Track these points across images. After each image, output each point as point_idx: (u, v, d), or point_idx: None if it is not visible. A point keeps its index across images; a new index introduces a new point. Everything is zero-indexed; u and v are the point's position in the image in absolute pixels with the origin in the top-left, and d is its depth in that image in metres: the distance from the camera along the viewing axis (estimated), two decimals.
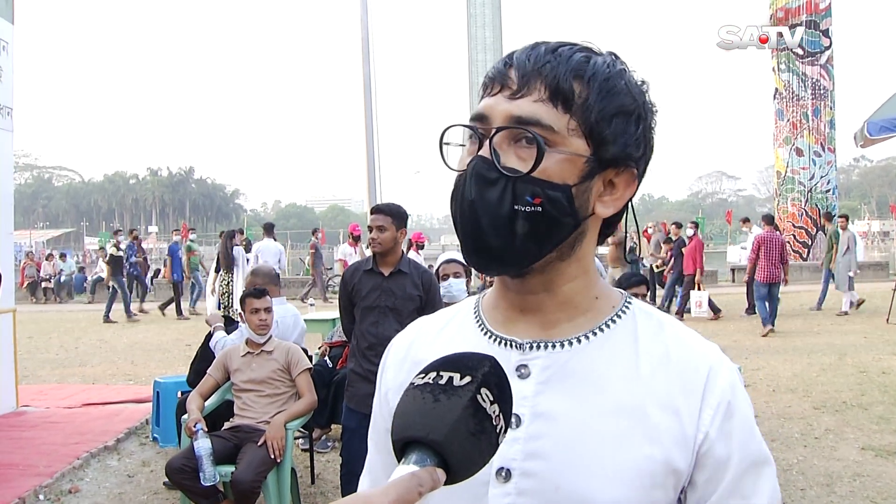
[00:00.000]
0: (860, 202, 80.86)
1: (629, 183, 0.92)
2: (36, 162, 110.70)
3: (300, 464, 5.38)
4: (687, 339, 0.93)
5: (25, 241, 43.57)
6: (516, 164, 0.86)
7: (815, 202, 22.87)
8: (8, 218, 7.55)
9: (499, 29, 32.13)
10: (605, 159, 0.88)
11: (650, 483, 0.85)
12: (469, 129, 0.90)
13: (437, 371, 0.73)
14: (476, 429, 0.69)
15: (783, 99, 23.24)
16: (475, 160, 0.87)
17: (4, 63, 7.23)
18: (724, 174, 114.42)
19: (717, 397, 0.88)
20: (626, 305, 0.97)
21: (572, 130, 0.86)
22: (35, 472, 5.25)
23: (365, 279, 4.21)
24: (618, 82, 0.88)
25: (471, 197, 0.86)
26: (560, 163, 0.86)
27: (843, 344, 10.34)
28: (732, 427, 0.88)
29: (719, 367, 0.90)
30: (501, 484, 0.88)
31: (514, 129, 0.86)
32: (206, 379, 4.64)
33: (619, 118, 0.88)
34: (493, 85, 0.90)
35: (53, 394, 8.30)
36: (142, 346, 12.10)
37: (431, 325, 1.07)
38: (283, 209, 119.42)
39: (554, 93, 0.86)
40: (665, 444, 0.86)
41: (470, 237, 0.89)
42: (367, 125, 9.27)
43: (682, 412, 0.87)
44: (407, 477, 0.65)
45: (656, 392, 0.88)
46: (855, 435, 6.03)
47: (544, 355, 0.91)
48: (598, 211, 0.91)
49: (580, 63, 0.87)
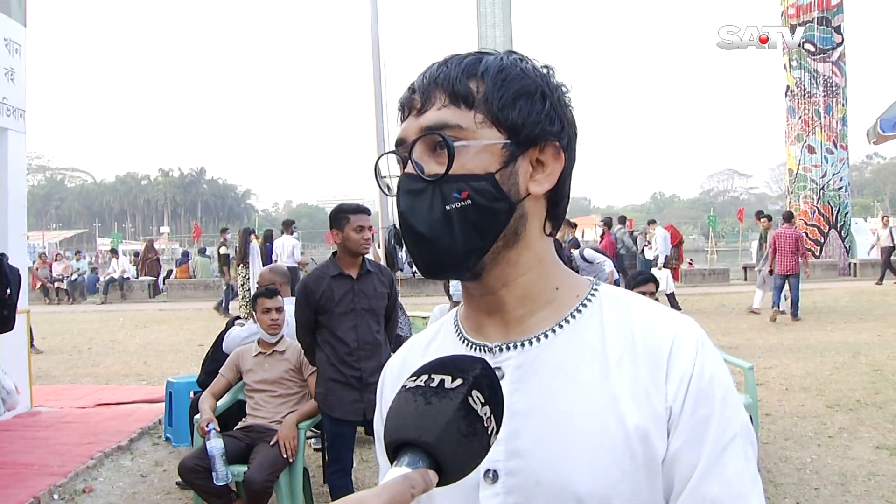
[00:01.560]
0: (873, 199, 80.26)
1: (556, 157, 0.94)
2: (48, 163, 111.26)
3: (312, 463, 5.40)
4: (651, 317, 0.93)
5: (38, 242, 43.75)
6: (438, 169, 0.90)
7: (828, 200, 22.73)
8: (21, 219, 7.60)
9: (509, 28, 31.68)
10: (521, 141, 0.91)
11: (631, 466, 0.86)
12: (393, 153, 0.96)
13: (428, 374, 0.73)
14: (468, 430, 0.70)
15: (795, 96, 23.09)
16: (401, 178, 0.93)
17: (17, 65, 7.28)
18: (736, 172, 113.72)
19: (680, 371, 0.87)
20: (591, 293, 0.98)
21: (480, 123, 0.90)
22: (49, 472, 5.29)
23: (334, 285, 4.13)
24: (512, 70, 0.92)
25: (405, 212, 0.91)
26: (477, 155, 0.90)
27: (857, 342, 10.28)
28: (700, 397, 0.87)
29: (682, 339, 0.90)
30: (490, 485, 0.90)
31: (426, 139, 0.91)
32: (219, 379, 4.65)
33: (522, 100, 0.91)
34: (403, 111, 0.97)
35: (67, 394, 8.36)
36: (154, 346, 12.16)
37: (421, 340, 1.10)
38: (295, 209, 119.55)
39: (452, 96, 0.91)
40: (640, 427, 0.86)
41: (416, 249, 0.92)
42: (377, 124, 9.28)
43: (651, 392, 0.87)
44: (399, 479, 0.66)
45: (625, 377, 0.89)
46: (869, 434, 6.00)
47: (515, 355, 0.93)
48: (533, 190, 0.93)
49: (471, 64, 0.92)
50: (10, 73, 7.15)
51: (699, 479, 0.85)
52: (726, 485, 0.85)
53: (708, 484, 0.85)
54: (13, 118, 7.20)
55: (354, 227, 4.11)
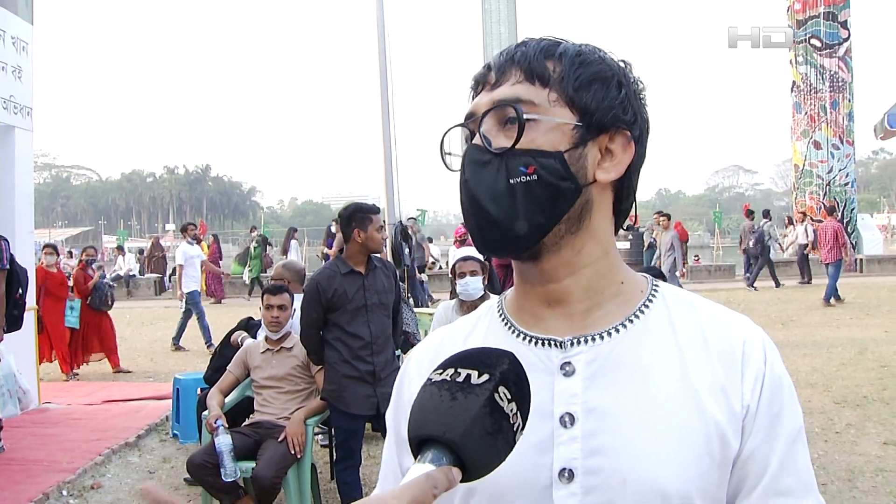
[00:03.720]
0: (879, 195, 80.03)
1: (625, 146, 0.93)
2: (54, 161, 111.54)
3: (320, 460, 5.40)
4: (718, 316, 0.95)
5: (45, 239, 43.78)
6: (506, 143, 0.89)
7: (834, 195, 22.61)
8: (28, 217, 7.64)
9: (514, 25, 31.61)
10: (593, 125, 0.90)
11: (709, 463, 0.86)
12: (461, 126, 0.96)
13: (454, 368, 0.72)
14: (493, 428, 0.68)
15: (801, 92, 22.98)
16: (467, 149, 0.92)
17: (24, 63, 7.30)
18: (742, 168, 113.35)
19: (755, 370, 0.90)
20: (654, 289, 0.97)
21: (554, 101, 0.90)
22: (58, 468, 5.32)
23: (346, 282, 4.19)
24: (589, 56, 0.92)
25: (469, 182, 0.90)
26: (548, 132, 0.89)
27: (864, 338, 10.25)
28: (773, 395, 0.89)
29: (752, 339, 0.92)
30: (566, 485, 0.87)
31: (497, 112, 0.90)
32: (226, 375, 4.66)
33: (598, 83, 0.91)
34: (476, 86, 0.96)
35: (75, 391, 8.41)
36: (161, 343, 12.17)
37: (457, 333, 1.05)
38: (300, 206, 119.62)
39: (528, 73, 0.90)
40: (720, 424, 0.87)
41: (476, 222, 0.91)
42: (383, 121, 9.26)
43: (728, 390, 0.88)
44: (422, 478, 0.64)
45: (702, 375, 0.89)
46: (876, 430, 5.98)
47: (586, 349, 0.91)
48: (600, 177, 0.92)
49: (549, 46, 0.92)
50: (18, 71, 7.18)
51: (775, 473, 0.88)
52: (797, 476, 0.89)
53: (783, 477, 0.88)
54: (20, 116, 7.22)
55: (377, 227, 4.23)
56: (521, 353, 0.88)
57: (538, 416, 0.86)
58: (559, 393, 0.89)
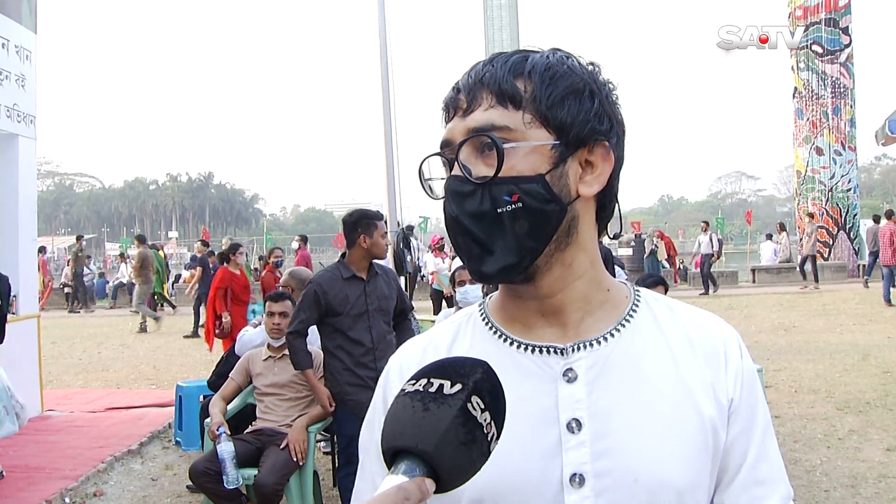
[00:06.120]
0: (882, 201, 79.86)
1: (605, 157, 0.93)
2: (57, 169, 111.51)
3: (322, 467, 5.41)
4: (697, 317, 0.99)
5: (48, 247, 43.88)
6: (486, 171, 0.88)
7: (836, 201, 22.62)
8: (32, 224, 7.66)
9: (515, 31, 31.74)
10: (570, 141, 0.90)
11: (706, 456, 0.91)
12: (438, 155, 0.94)
13: (427, 378, 0.71)
14: (466, 438, 0.68)
15: (803, 98, 23.00)
16: (448, 181, 0.91)
17: (27, 72, 7.33)
18: (744, 174, 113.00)
19: (735, 366, 0.96)
20: (637, 294, 1.01)
21: (529, 124, 0.89)
22: (61, 476, 5.32)
23: (348, 287, 4.22)
24: (559, 68, 0.91)
25: (455, 214, 0.89)
26: (527, 156, 0.88)
27: (867, 344, 10.23)
28: (750, 389, 0.96)
29: (729, 337, 0.98)
30: (577, 489, 0.87)
31: (474, 140, 0.89)
32: (228, 383, 4.67)
33: (571, 98, 0.90)
34: (448, 112, 0.95)
35: (77, 398, 8.41)
36: (164, 350, 12.19)
37: (439, 342, 1.02)
38: (303, 213, 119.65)
39: (500, 96, 0.89)
40: (712, 419, 0.91)
41: (467, 255, 0.91)
42: (385, 128, 9.29)
43: (716, 386, 0.93)
44: (393, 490, 0.64)
45: (693, 374, 0.93)
46: (879, 436, 5.97)
47: (585, 355, 0.92)
48: (583, 192, 0.92)
49: (517, 63, 0.91)
50: (21, 80, 7.21)
51: (753, 463, 0.94)
52: (770, 466, 0.95)
53: (760, 466, 0.94)
54: (23, 124, 7.25)
55: (382, 233, 4.29)
56: (516, 361, 0.90)
57: (543, 423, 0.88)
58: (563, 399, 0.90)
